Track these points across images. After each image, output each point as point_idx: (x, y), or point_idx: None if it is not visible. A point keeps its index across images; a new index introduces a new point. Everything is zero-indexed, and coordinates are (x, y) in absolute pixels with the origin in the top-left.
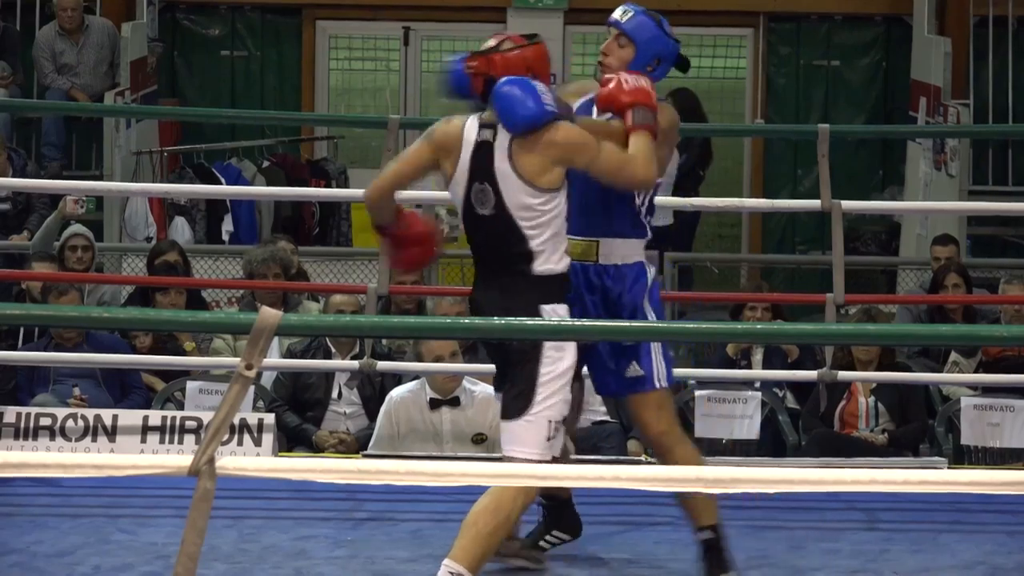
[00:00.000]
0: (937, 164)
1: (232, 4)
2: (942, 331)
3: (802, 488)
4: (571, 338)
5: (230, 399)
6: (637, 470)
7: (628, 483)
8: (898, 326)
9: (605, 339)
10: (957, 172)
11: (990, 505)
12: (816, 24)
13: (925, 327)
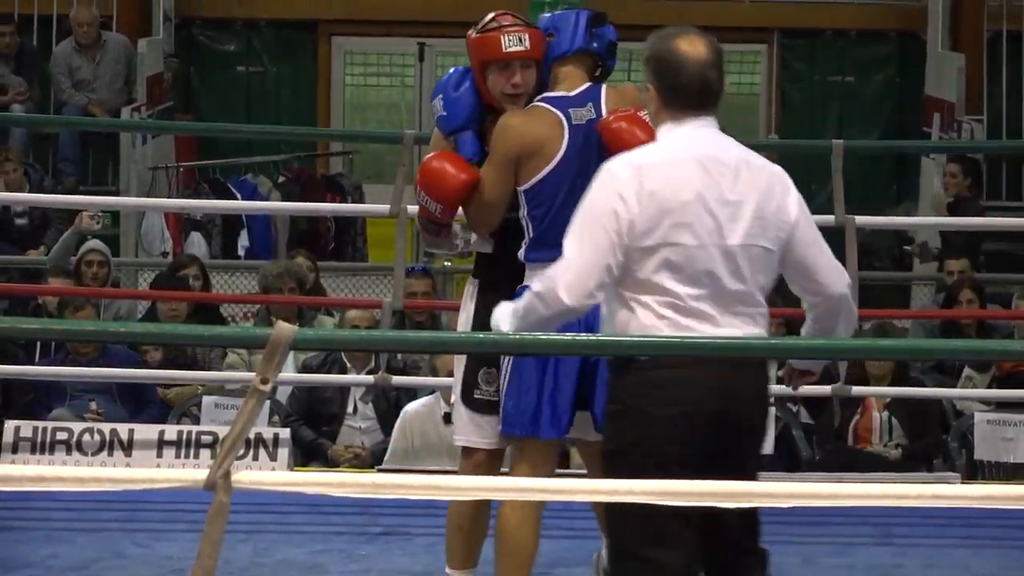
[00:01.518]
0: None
1: (248, 20)
2: (955, 346)
3: (816, 502)
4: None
5: (245, 413)
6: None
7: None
8: (911, 341)
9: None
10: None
11: (1003, 520)
12: (830, 40)
13: (938, 342)
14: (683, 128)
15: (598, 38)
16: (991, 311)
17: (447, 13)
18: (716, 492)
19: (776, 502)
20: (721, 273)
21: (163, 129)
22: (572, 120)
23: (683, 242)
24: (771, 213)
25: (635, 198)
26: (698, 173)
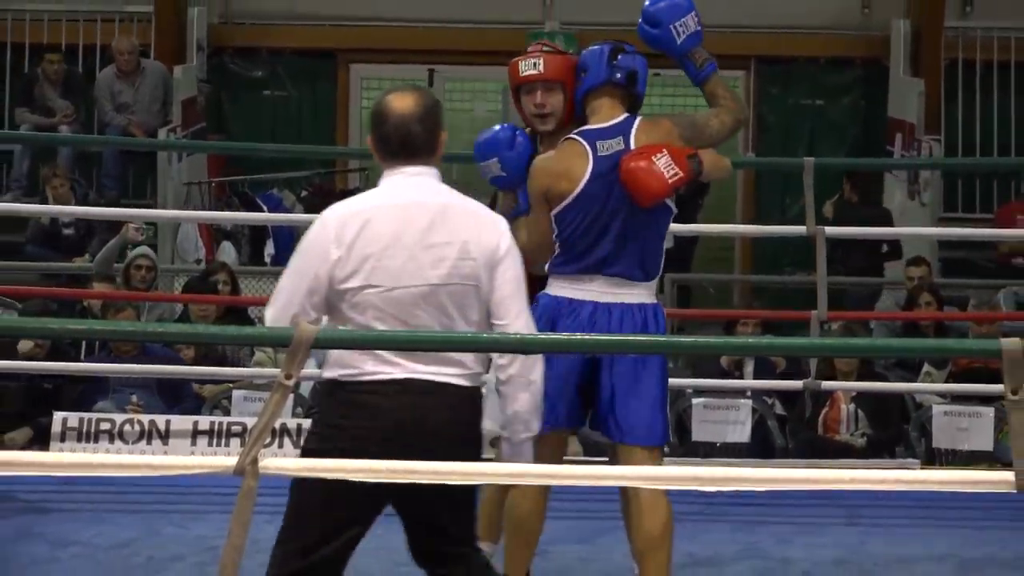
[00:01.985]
0: (912, 193)
1: (273, 50)
2: (916, 344)
3: (789, 487)
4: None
5: (271, 406)
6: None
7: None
8: (876, 340)
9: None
10: (930, 201)
11: (959, 502)
12: (802, 67)
13: (900, 341)
14: (394, 176)
15: (620, 69)
16: (948, 313)
17: (453, 43)
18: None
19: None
20: (423, 311)
21: (196, 148)
22: (599, 152)
23: (383, 284)
24: (478, 253)
25: (338, 244)
26: (400, 219)
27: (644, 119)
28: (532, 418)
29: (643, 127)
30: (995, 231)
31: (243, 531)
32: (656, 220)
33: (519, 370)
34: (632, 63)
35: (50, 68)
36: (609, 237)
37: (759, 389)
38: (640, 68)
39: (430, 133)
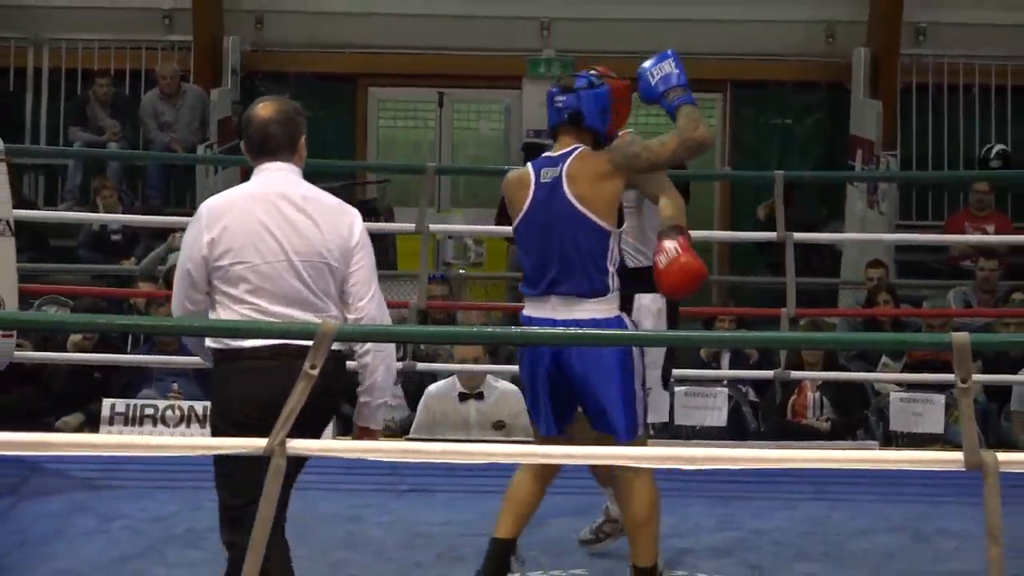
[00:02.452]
0: (871, 203)
1: (298, 74)
2: (875, 338)
3: (761, 465)
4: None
5: (298, 392)
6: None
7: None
8: (839, 334)
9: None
10: (887, 209)
11: (914, 479)
12: (773, 90)
13: (861, 335)
14: (260, 172)
15: (563, 111)
16: (904, 309)
17: (460, 68)
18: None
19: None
20: (287, 283)
21: (231, 162)
22: (541, 178)
23: (251, 260)
24: (333, 237)
25: (209, 229)
26: (264, 206)
27: (582, 151)
28: (387, 386)
29: (577, 158)
30: (945, 237)
31: (272, 504)
32: (593, 241)
33: (375, 345)
34: (574, 103)
35: (100, 91)
36: (553, 259)
37: (735, 378)
38: (586, 104)
39: (288, 135)
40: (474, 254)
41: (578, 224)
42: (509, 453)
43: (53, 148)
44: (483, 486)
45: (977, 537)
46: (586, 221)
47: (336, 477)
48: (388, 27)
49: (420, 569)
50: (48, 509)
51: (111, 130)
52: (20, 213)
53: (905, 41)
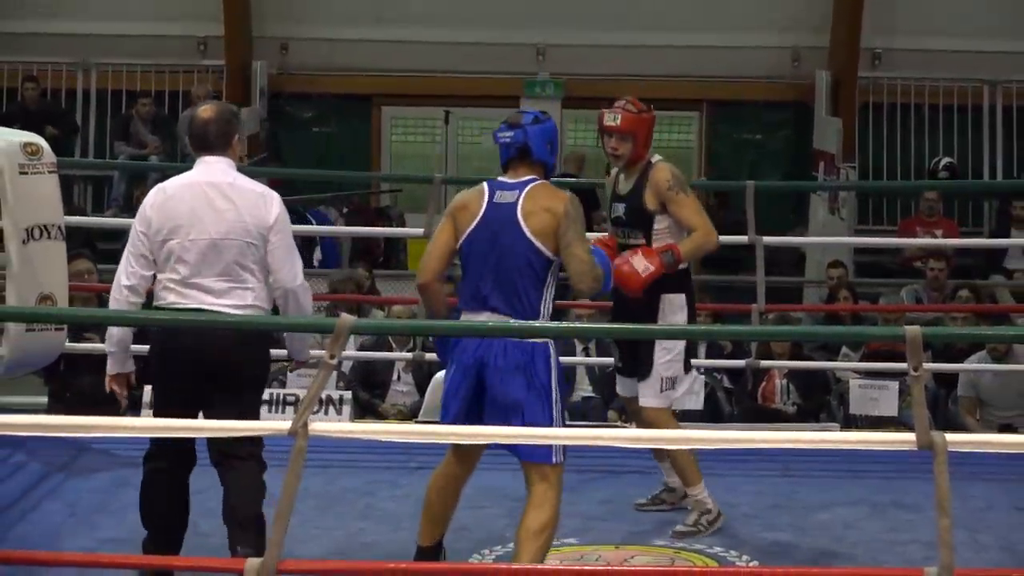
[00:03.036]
0: (832, 210)
1: (320, 94)
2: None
3: (735, 446)
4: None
5: (319, 380)
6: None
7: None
8: (804, 327)
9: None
10: (847, 215)
11: (871, 458)
12: (745, 108)
13: (824, 328)
14: (199, 164)
15: (511, 147)
16: (861, 305)
17: (465, 89)
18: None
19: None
20: (212, 259)
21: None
22: (495, 199)
23: (180, 238)
24: (252, 219)
25: (151, 210)
26: (196, 192)
27: (540, 183)
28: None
29: (530, 192)
30: (899, 240)
31: (296, 481)
32: (535, 267)
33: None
34: (521, 138)
35: (142, 110)
36: (490, 277)
37: (710, 367)
38: (532, 138)
39: (223, 134)
40: None
41: (523, 248)
42: (508, 435)
43: (100, 161)
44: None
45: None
46: (531, 246)
47: (354, 456)
48: (399, 52)
49: None
50: (95, 484)
51: (152, 145)
52: (70, 219)
53: (863, 65)
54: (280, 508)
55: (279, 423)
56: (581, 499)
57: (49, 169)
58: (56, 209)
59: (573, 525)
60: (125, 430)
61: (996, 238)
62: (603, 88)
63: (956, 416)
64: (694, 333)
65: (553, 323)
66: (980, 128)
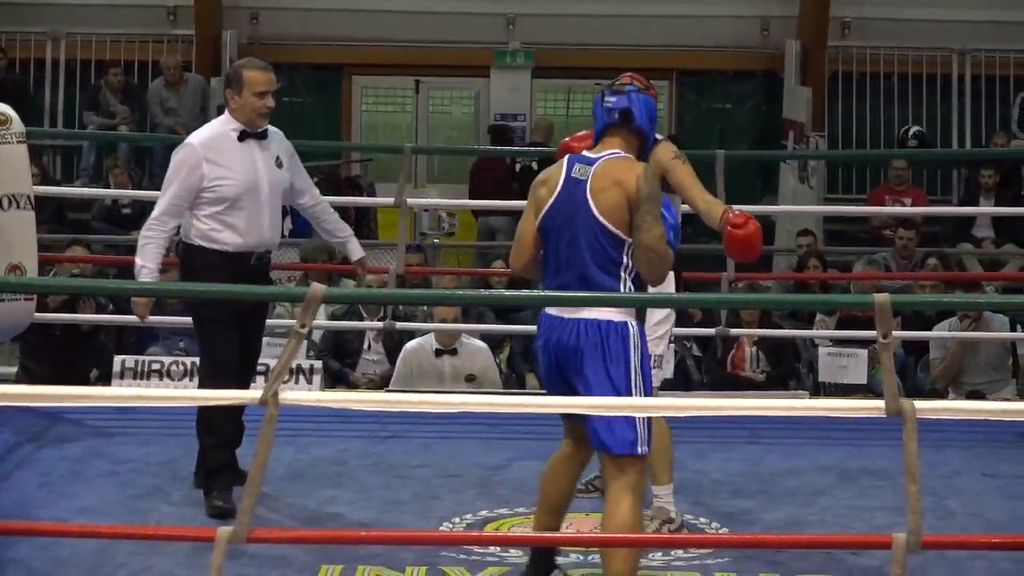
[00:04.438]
0: (801, 179)
1: (291, 64)
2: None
3: (705, 413)
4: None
5: (289, 349)
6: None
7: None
8: (773, 295)
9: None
10: (816, 184)
11: (840, 425)
12: (714, 78)
13: (793, 296)
14: None
15: (612, 111)
16: (830, 274)
17: (435, 59)
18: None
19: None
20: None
21: None
22: (572, 174)
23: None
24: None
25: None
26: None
27: (608, 159)
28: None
29: (600, 166)
30: (868, 209)
31: (267, 449)
32: (606, 246)
33: None
34: (624, 102)
35: (112, 80)
36: (564, 256)
37: (680, 335)
38: (636, 104)
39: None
40: (447, 225)
41: (592, 228)
42: (479, 403)
43: (69, 131)
44: (455, 432)
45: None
46: (600, 227)
47: (325, 425)
48: (370, 22)
49: (399, 506)
50: (67, 454)
51: (121, 115)
52: (39, 189)
53: (832, 34)
54: (251, 477)
55: (250, 392)
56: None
57: (18, 139)
58: (25, 179)
59: None
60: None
61: (964, 206)
62: (573, 58)
63: (925, 383)
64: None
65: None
66: (949, 97)
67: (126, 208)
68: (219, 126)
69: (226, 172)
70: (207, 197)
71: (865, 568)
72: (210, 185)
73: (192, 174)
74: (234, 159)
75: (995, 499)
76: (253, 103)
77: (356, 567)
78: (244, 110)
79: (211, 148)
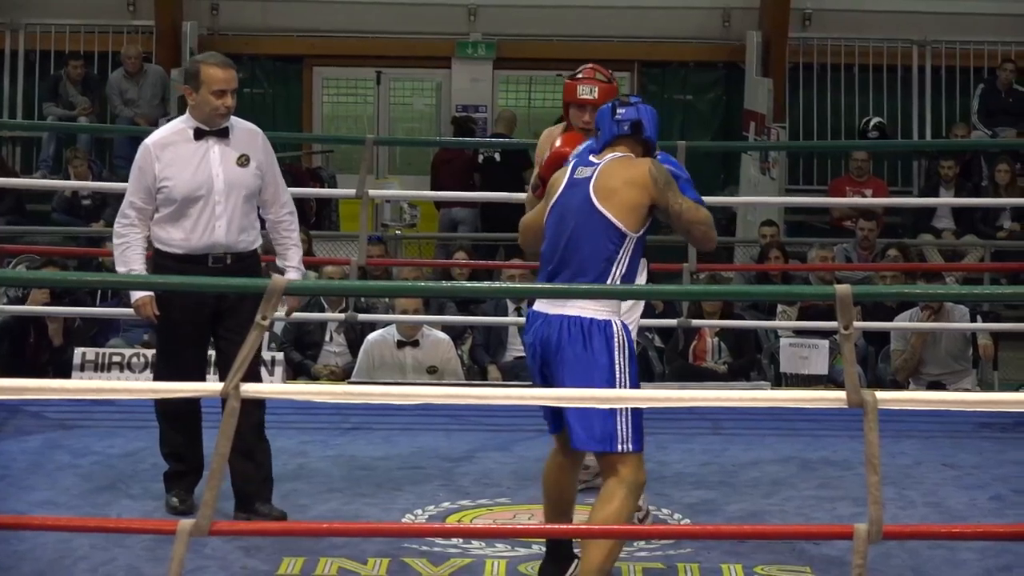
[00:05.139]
0: (763, 170)
1: (252, 55)
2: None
3: (666, 404)
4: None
5: (251, 341)
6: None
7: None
8: (735, 286)
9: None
10: (777, 175)
11: (801, 416)
12: (675, 69)
13: (755, 287)
14: None
15: (623, 123)
16: (792, 265)
17: (397, 50)
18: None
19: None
20: None
21: None
22: (575, 175)
23: None
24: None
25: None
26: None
27: (612, 161)
28: None
29: (603, 169)
30: (829, 200)
31: (228, 442)
32: (604, 240)
33: None
34: (634, 114)
35: (72, 71)
36: (559, 251)
37: (642, 326)
38: (645, 116)
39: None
40: (409, 216)
41: (592, 220)
42: (441, 395)
43: (29, 122)
44: (417, 424)
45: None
46: (601, 218)
47: (286, 417)
48: (331, 13)
49: (362, 497)
50: (27, 447)
51: (81, 106)
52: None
53: (793, 25)
54: (213, 469)
55: (211, 385)
56: (515, 458)
57: None
58: None
59: (507, 484)
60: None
61: (925, 197)
62: (535, 49)
63: (886, 373)
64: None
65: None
66: (909, 88)
67: (86, 199)
68: (177, 124)
69: (175, 172)
70: (159, 198)
71: (826, 558)
72: (160, 186)
73: (145, 175)
74: (186, 159)
75: (955, 489)
76: (211, 102)
77: (318, 559)
78: (201, 108)
79: (163, 148)
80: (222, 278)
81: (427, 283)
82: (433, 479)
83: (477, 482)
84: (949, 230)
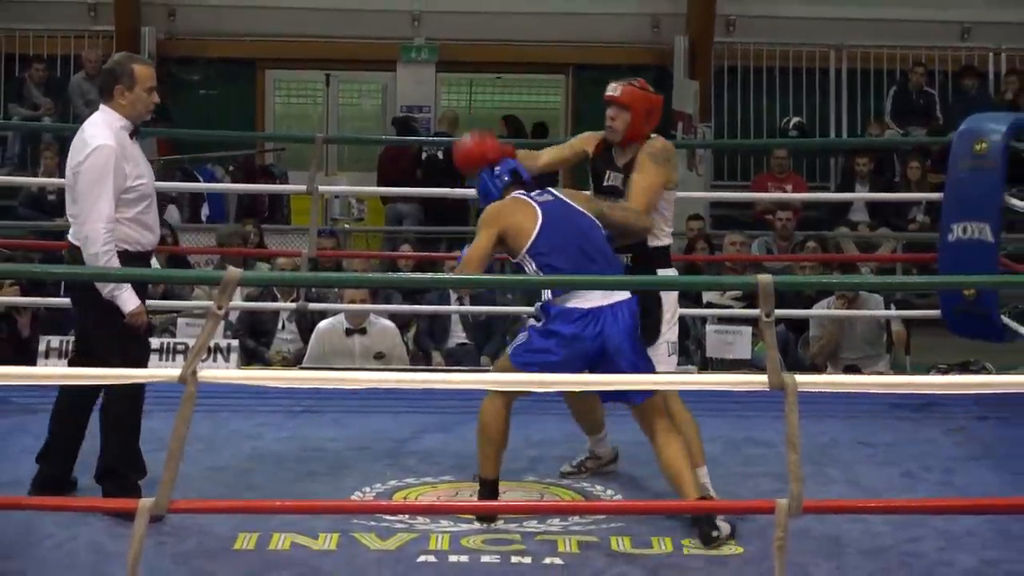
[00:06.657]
0: (690, 166)
1: (207, 58)
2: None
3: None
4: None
5: (207, 329)
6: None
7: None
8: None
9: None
10: (704, 172)
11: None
12: (608, 71)
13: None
14: None
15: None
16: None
17: (345, 54)
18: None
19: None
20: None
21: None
22: (539, 200)
23: None
24: (71, 161)
25: None
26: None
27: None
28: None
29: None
30: (752, 195)
31: (185, 426)
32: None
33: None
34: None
35: (36, 73)
36: (591, 256)
37: None
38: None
39: (101, 89)
40: (357, 211)
41: (593, 227)
42: (387, 380)
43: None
44: (365, 407)
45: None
46: (597, 225)
47: (241, 401)
48: (282, 18)
49: (313, 477)
50: None
51: (45, 107)
52: None
53: (718, 31)
54: (171, 451)
55: (169, 371)
56: (457, 439)
57: None
58: None
59: (450, 463)
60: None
61: (841, 192)
62: (476, 52)
63: (805, 358)
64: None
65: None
66: (826, 89)
67: (51, 195)
68: (111, 122)
69: (141, 170)
70: (128, 198)
71: (750, 531)
72: (133, 184)
73: (118, 174)
74: (138, 157)
75: (870, 466)
76: (145, 99)
77: (271, 534)
78: (135, 106)
79: (123, 147)
80: (184, 270)
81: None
82: (380, 459)
83: (422, 461)
84: (864, 223)
